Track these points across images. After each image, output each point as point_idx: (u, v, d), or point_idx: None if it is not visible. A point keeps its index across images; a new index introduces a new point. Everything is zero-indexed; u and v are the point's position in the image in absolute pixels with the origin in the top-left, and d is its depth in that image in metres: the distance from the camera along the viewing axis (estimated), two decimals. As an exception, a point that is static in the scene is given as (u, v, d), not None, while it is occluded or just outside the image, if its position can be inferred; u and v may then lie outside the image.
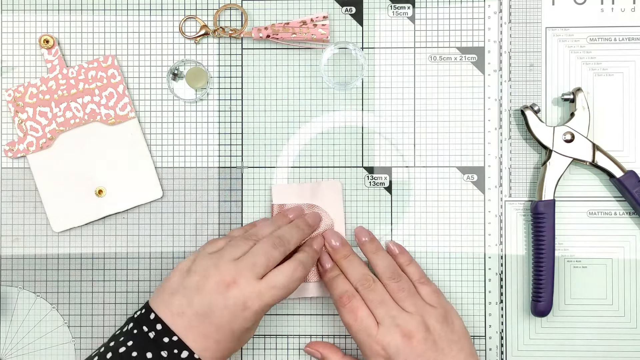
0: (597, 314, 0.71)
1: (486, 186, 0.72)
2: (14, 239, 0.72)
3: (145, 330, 0.61)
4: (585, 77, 0.72)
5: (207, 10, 0.73)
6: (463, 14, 0.72)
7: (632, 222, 0.71)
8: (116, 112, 0.71)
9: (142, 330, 0.61)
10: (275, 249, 0.64)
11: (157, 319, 0.61)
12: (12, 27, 0.73)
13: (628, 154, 0.72)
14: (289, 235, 0.66)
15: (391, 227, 0.72)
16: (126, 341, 0.61)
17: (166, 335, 0.61)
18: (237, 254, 0.64)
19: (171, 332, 0.61)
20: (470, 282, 0.72)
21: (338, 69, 0.72)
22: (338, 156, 0.72)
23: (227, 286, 0.62)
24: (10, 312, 0.72)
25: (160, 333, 0.61)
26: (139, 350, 0.60)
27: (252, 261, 0.63)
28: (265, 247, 0.64)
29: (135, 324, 0.62)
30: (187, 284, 0.63)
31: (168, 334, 0.61)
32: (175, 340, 0.61)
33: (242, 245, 0.65)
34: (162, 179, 0.72)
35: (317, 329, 0.72)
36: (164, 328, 0.61)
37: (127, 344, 0.61)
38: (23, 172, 0.72)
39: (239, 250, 0.64)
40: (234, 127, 0.72)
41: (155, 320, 0.61)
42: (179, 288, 0.63)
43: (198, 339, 0.61)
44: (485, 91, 0.72)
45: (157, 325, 0.61)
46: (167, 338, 0.61)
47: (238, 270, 0.62)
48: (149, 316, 0.62)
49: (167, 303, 0.62)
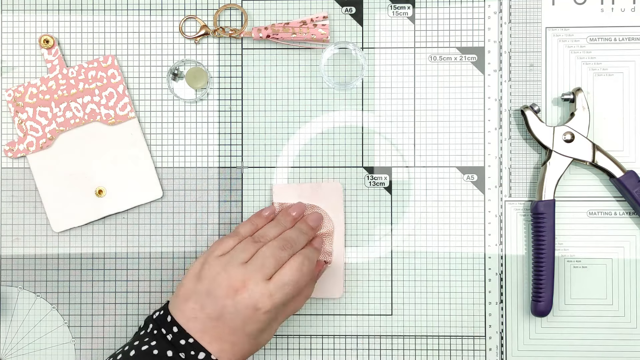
0: (597, 314, 0.71)
1: (486, 186, 0.72)
2: (14, 239, 0.72)
3: (164, 332, 0.63)
4: (585, 77, 0.72)
5: (207, 10, 0.72)
6: (463, 14, 0.72)
7: (632, 222, 0.71)
8: (116, 112, 0.71)
9: (161, 331, 0.63)
10: (283, 250, 0.65)
11: (174, 321, 0.63)
12: (12, 27, 0.73)
13: (628, 154, 0.72)
14: (296, 238, 0.67)
15: (391, 227, 0.72)
16: (150, 341, 0.62)
17: (182, 337, 0.62)
18: (245, 258, 0.64)
19: (187, 334, 0.62)
20: (470, 282, 0.72)
21: (338, 69, 0.72)
22: (338, 156, 0.72)
23: (236, 291, 0.62)
24: (10, 312, 0.72)
25: (177, 335, 0.62)
26: (160, 349, 0.62)
27: (260, 263, 0.63)
28: (273, 249, 0.64)
29: (155, 325, 0.64)
30: (198, 289, 0.63)
31: (184, 336, 0.62)
32: (191, 342, 0.62)
33: (250, 248, 0.65)
34: (162, 179, 0.72)
35: (317, 329, 0.72)
36: (179, 330, 0.62)
37: (151, 344, 0.62)
38: (23, 172, 0.72)
39: (246, 253, 0.65)
40: (234, 127, 0.72)
41: (172, 323, 0.63)
42: (191, 294, 0.64)
43: (213, 341, 0.62)
44: (485, 91, 0.72)
45: (173, 328, 0.62)
46: (183, 340, 0.62)
47: (246, 274, 0.63)
48: (166, 318, 0.63)
49: (181, 308, 0.63)
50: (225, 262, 0.64)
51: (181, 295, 0.64)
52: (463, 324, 0.71)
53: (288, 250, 0.65)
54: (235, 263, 0.64)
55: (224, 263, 0.64)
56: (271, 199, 0.72)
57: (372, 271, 0.72)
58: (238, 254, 0.64)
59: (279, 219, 0.69)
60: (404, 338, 0.72)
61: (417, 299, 0.72)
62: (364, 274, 0.72)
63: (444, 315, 0.72)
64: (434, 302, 0.72)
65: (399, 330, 0.72)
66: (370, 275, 0.72)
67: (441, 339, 0.72)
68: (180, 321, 0.63)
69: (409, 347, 0.72)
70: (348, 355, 0.72)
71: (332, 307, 0.72)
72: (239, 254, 0.64)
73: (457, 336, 0.72)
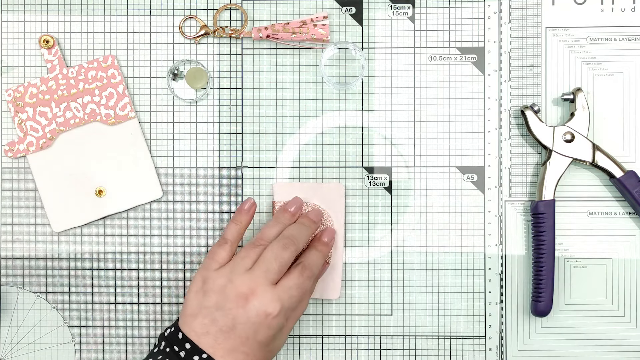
0: (597, 314, 0.71)
1: (486, 186, 0.72)
2: (14, 239, 0.72)
3: (176, 350, 0.62)
4: (585, 77, 0.72)
5: (207, 10, 0.73)
6: (463, 14, 0.72)
7: (632, 222, 0.71)
8: (116, 112, 0.71)
9: (173, 349, 0.62)
10: (285, 249, 0.64)
11: (185, 338, 0.62)
12: (12, 27, 0.73)
13: (628, 154, 0.72)
14: (297, 234, 0.66)
15: (391, 227, 0.72)
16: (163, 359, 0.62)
17: (195, 354, 0.61)
18: (249, 264, 0.64)
19: (200, 350, 0.61)
20: (470, 282, 0.72)
21: (338, 69, 0.72)
22: (338, 156, 0.72)
23: (246, 299, 0.62)
24: (10, 312, 0.72)
25: (190, 352, 0.61)
26: None
27: (264, 268, 0.63)
28: (276, 251, 0.64)
29: (167, 342, 0.63)
30: (206, 304, 0.63)
31: (197, 352, 0.61)
32: (205, 357, 0.61)
33: (251, 254, 0.64)
34: (162, 179, 0.72)
35: (317, 329, 0.72)
36: (192, 347, 0.61)
37: None
38: (23, 172, 0.72)
39: (249, 260, 0.64)
40: (234, 127, 0.72)
41: (183, 340, 0.62)
42: (199, 310, 0.63)
43: (227, 355, 0.61)
44: (485, 91, 0.72)
45: (186, 345, 0.62)
46: (197, 357, 0.61)
47: (253, 280, 0.62)
48: (177, 335, 0.63)
49: (191, 325, 0.62)
50: (229, 272, 0.63)
51: (188, 313, 0.63)
52: (463, 324, 0.71)
53: (291, 248, 0.64)
54: (240, 272, 0.63)
55: (228, 273, 0.63)
56: (271, 198, 0.72)
57: (372, 271, 0.72)
58: (240, 262, 0.64)
59: (277, 217, 0.69)
60: (404, 338, 0.72)
61: (417, 299, 0.72)
62: (364, 274, 0.72)
63: (444, 316, 0.72)
64: (434, 302, 0.72)
65: (399, 330, 0.72)
66: (370, 275, 0.72)
67: (441, 339, 0.72)
68: (192, 338, 0.62)
69: (409, 347, 0.72)
70: (348, 355, 0.72)
71: (332, 307, 0.72)
72: (241, 262, 0.64)
73: (457, 336, 0.72)
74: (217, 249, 0.66)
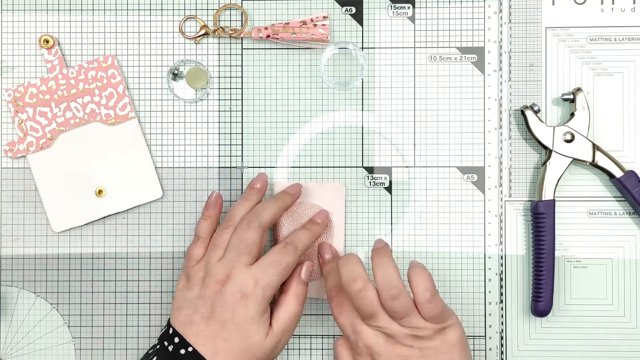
0: (597, 314, 0.71)
1: (486, 186, 0.72)
2: (14, 239, 0.72)
3: (166, 345, 0.64)
4: (585, 77, 0.72)
5: (207, 10, 0.73)
6: (463, 14, 0.72)
7: (632, 222, 0.71)
8: (116, 112, 0.71)
9: (163, 345, 0.64)
10: (248, 227, 0.65)
11: (175, 332, 0.64)
12: (12, 27, 0.73)
13: (628, 154, 0.72)
14: (261, 209, 0.66)
15: (391, 227, 0.72)
16: (152, 356, 0.64)
17: (182, 347, 0.63)
18: (220, 254, 0.65)
19: (186, 343, 0.63)
20: (470, 282, 0.72)
21: (338, 69, 0.72)
22: (338, 156, 0.72)
23: (222, 284, 0.64)
24: (10, 312, 0.72)
25: (178, 346, 0.63)
26: None
27: (234, 252, 0.64)
28: (240, 233, 0.65)
29: (160, 340, 0.65)
30: (189, 296, 0.65)
31: (184, 345, 0.63)
32: (190, 351, 0.63)
33: (220, 242, 0.66)
34: (162, 179, 0.72)
35: (317, 329, 0.72)
36: (180, 340, 0.63)
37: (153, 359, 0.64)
38: (23, 172, 0.72)
39: (219, 249, 0.65)
40: (234, 127, 0.72)
41: (173, 335, 0.64)
42: (184, 302, 0.65)
43: (208, 343, 0.63)
44: (485, 91, 0.72)
45: (174, 339, 0.64)
46: (183, 350, 0.63)
47: (227, 266, 0.64)
48: (168, 331, 0.65)
49: (177, 317, 0.65)
50: (205, 264, 0.65)
51: (175, 307, 0.66)
52: (463, 323, 0.71)
53: (253, 225, 0.65)
54: (214, 261, 0.65)
55: (204, 265, 0.65)
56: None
57: (372, 271, 0.72)
58: (212, 253, 0.66)
59: (245, 195, 0.69)
60: (404, 338, 0.72)
61: (417, 299, 0.72)
62: (364, 274, 0.72)
63: (444, 315, 0.72)
64: (434, 302, 0.72)
65: (399, 330, 0.72)
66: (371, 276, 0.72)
67: (441, 339, 0.72)
68: (179, 329, 0.64)
69: (409, 347, 0.72)
70: (348, 355, 0.72)
71: (332, 307, 0.72)
72: (213, 253, 0.65)
73: (457, 336, 0.72)
74: (192, 248, 0.67)
